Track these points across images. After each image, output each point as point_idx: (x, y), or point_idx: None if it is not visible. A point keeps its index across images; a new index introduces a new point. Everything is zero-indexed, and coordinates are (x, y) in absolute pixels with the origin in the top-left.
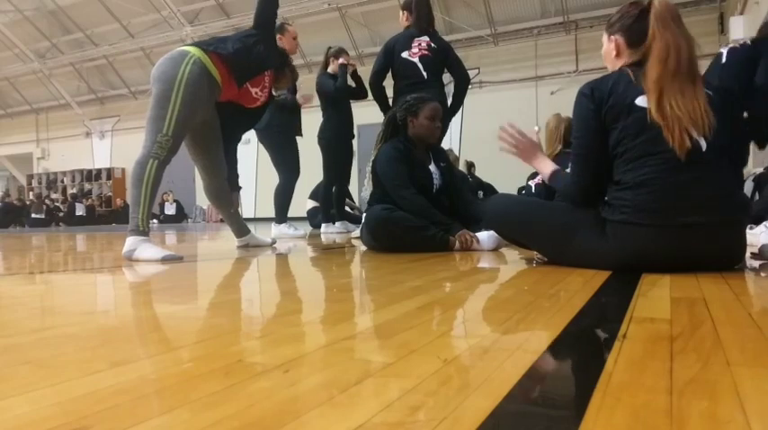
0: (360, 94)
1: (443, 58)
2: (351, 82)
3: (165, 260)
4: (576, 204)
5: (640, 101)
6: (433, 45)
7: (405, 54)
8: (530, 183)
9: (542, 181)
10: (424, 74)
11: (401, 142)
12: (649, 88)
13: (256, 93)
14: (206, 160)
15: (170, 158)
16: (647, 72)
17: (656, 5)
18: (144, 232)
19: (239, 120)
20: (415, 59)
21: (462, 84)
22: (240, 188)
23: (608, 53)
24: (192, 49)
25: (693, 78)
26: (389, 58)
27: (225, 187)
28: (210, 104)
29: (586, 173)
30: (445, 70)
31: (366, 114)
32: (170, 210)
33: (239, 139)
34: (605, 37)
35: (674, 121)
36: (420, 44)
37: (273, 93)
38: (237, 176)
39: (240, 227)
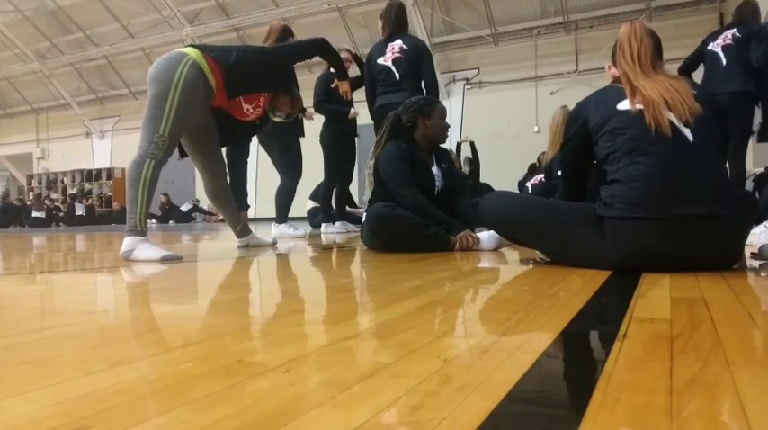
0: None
1: (416, 56)
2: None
3: (164, 260)
4: (567, 198)
5: (621, 105)
6: (404, 47)
7: (380, 60)
8: (527, 184)
9: (540, 181)
10: (397, 75)
11: (405, 142)
12: (623, 84)
13: (248, 109)
14: (205, 160)
15: (167, 158)
16: (619, 76)
17: (623, 28)
18: (142, 232)
19: (233, 129)
20: (389, 63)
21: (429, 89)
22: (248, 206)
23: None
24: (191, 51)
25: (656, 70)
26: (369, 68)
27: (225, 187)
28: (206, 107)
29: (571, 177)
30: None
31: (367, 114)
32: (184, 207)
33: (248, 154)
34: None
35: (647, 104)
36: (393, 48)
37: (272, 116)
38: (247, 194)
39: (242, 227)
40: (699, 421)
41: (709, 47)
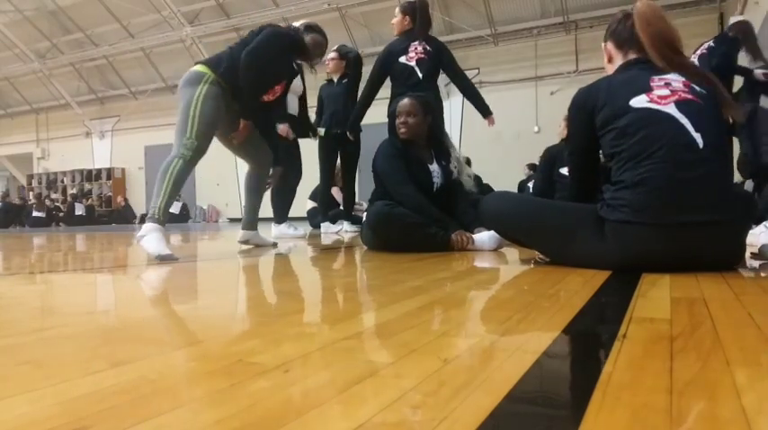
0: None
1: (439, 58)
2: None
3: (160, 258)
4: (577, 201)
5: (635, 101)
6: (428, 48)
7: (402, 59)
8: (528, 185)
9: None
10: (420, 75)
11: (400, 140)
12: (654, 58)
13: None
14: (249, 156)
15: (196, 159)
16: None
17: (638, 7)
18: (159, 221)
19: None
20: (413, 63)
21: (462, 84)
22: (279, 166)
23: (605, 61)
24: (207, 72)
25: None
26: (388, 66)
27: (263, 179)
28: (230, 111)
29: (583, 181)
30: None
31: (367, 114)
32: (174, 208)
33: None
34: (603, 47)
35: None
36: (416, 48)
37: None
38: (278, 149)
39: (250, 221)
40: (699, 421)
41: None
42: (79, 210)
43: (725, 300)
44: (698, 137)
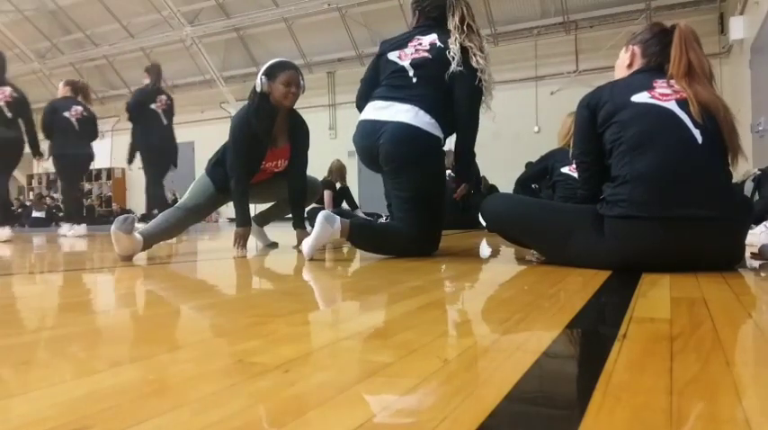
0: None
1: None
2: None
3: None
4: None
5: (637, 97)
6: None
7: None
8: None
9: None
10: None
11: None
12: (683, 86)
13: (276, 165)
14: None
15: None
16: (676, 80)
17: (681, 27)
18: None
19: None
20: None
21: None
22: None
23: (622, 63)
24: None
25: (710, 83)
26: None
27: (296, 191)
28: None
29: (591, 179)
30: None
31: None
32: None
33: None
34: (623, 50)
35: (696, 103)
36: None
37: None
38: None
39: (265, 218)
40: (699, 421)
41: None
42: None
43: (725, 299)
44: (697, 133)
